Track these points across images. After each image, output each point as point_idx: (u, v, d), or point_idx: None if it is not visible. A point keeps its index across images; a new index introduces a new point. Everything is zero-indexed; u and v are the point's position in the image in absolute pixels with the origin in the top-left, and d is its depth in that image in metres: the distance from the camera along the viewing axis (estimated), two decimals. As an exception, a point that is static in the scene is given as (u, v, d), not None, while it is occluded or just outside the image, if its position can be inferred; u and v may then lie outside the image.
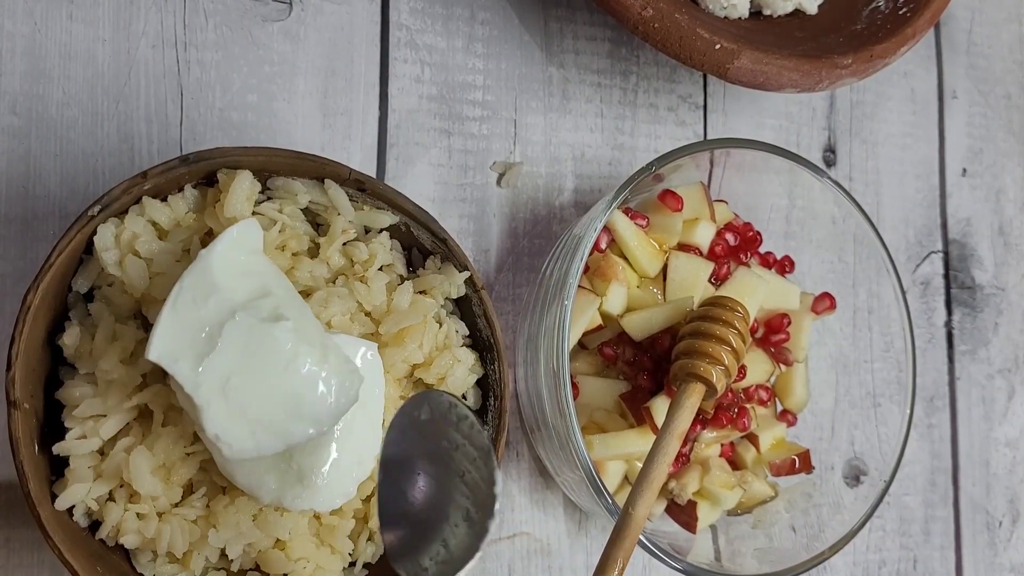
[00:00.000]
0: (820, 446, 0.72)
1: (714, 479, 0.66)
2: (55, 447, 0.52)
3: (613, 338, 0.65)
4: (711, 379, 0.60)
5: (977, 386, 0.85)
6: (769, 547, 0.67)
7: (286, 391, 0.49)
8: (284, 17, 0.66)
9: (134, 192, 0.52)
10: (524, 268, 0.70)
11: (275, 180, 0.56)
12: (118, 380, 0.52)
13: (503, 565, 0.68)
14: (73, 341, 0.53)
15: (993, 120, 0.89)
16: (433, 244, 0.59)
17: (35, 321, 0.50)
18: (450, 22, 0.70)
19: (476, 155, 0.70)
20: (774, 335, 0.69)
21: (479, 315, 0.59)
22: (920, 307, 0.84)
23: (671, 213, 0.66)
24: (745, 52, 0.65)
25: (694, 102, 0.77)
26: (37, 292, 0.50)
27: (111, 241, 0.52)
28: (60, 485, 0.52)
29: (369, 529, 0.58)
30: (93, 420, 0.52)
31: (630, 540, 0.54)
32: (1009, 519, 0.85)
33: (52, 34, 0.61)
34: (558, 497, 0.69)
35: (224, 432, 0.48)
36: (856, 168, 0.83)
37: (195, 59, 0.64)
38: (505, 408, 0.58)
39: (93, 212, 0.51)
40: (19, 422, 0.50)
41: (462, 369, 0.59)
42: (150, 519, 0.52)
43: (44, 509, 0.50)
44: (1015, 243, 0.89)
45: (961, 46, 0.89)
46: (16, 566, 0.58)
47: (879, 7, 0.74)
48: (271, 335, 0.49)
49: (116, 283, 0.53)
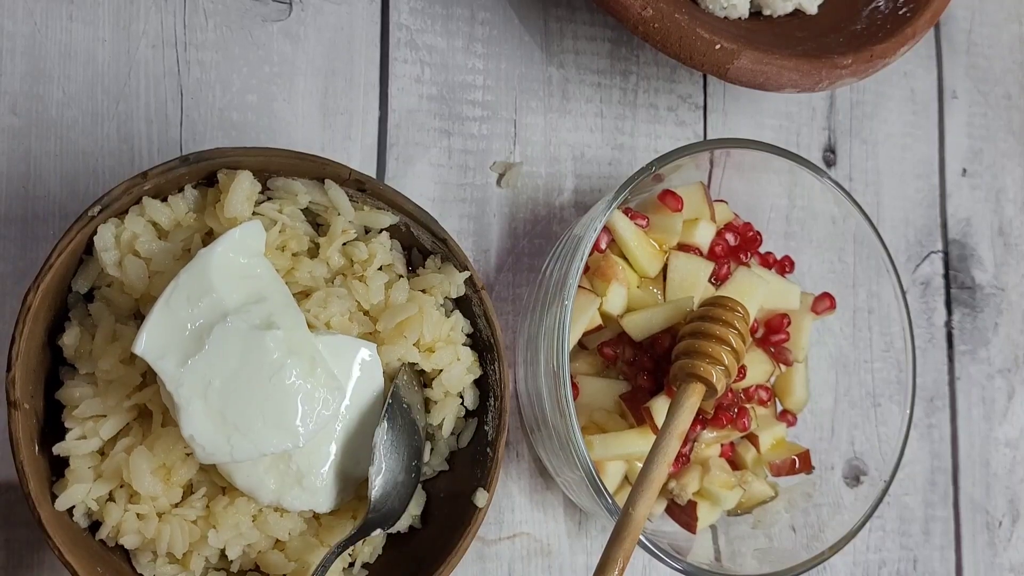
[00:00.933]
0: (820, 446, 0.72)
1: (714, 479, 0.66)
2: (55, 447, 0.52)
3: (613, 338, 0.65)
4: (711, 379, 0.59)
5: (977, 386, 0.85)
6: (769, 547, 0.67)
7: (268, 400, 0.49)
8: (284, 17, 0.66)
9: (134, 192, 0.52)
10: (524, 268, 0.70)
11: (275, 180, 0.56)
12: (118, 380, 0.52)
13: (503, 565, 0.68)
14: (73, 341, 0.53)
15: (993, 120, 0.89)
16: (433, 244, 0.59)
17: (35, 321, 0.50)
18: (450, 22, 0.70)
19: (476, 155, 0.70)
20: (774, 335, 0.69)
21: (479, 315, 0.59)
22: (920, 307, 0.84)
23: (671, 213, 0.66)
24: (745, 52, 0.65)
25: (694, 102, 0.77)
26: (37, 292, 0.50)
27: (111, 241, 0.52)
28: (60, 485, 0.52)
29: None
30: (93, 420, 0.52)
31: (630, 540, 0.54)
32: (1009, 519, 0.85)
33: (52, 34, 0.61)
34: (558, 497, 0.69)
35: (200, 434, 0.48)
36: (856, 168, 0.83)
37: (195, 59, 0.64)
38: (505, 408, 0.58)
39: (93, 212, 0.51)
40: (19, 422, 0.50)
41: (460, 368, 0.59)
42: (150, 519, 0.52)
43: (44, 510, 0.50)
44: (1015, 243, 0.89)
45: (961, 46, 0.89)
46: (16, 566, 0.58)
47: (879, 7, 0.74)
48: (261, 342, 0.49)
49: (116, 283, 0.53)
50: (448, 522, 0.58)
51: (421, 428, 0.59)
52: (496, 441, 0.58)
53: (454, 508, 0.58)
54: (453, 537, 0.56)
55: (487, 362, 0.59)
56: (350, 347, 0.56)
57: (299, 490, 0.54)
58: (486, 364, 0.60)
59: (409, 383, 0.58)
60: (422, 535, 0.60)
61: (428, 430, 0.60)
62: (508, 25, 0.72)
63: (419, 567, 0.56)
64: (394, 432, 0.56)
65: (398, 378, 0.57)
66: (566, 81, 0.73)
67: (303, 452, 0.53)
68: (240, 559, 0.55)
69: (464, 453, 0.60)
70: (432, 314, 0.58)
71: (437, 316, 0.58)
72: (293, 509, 0.54)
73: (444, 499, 0.60)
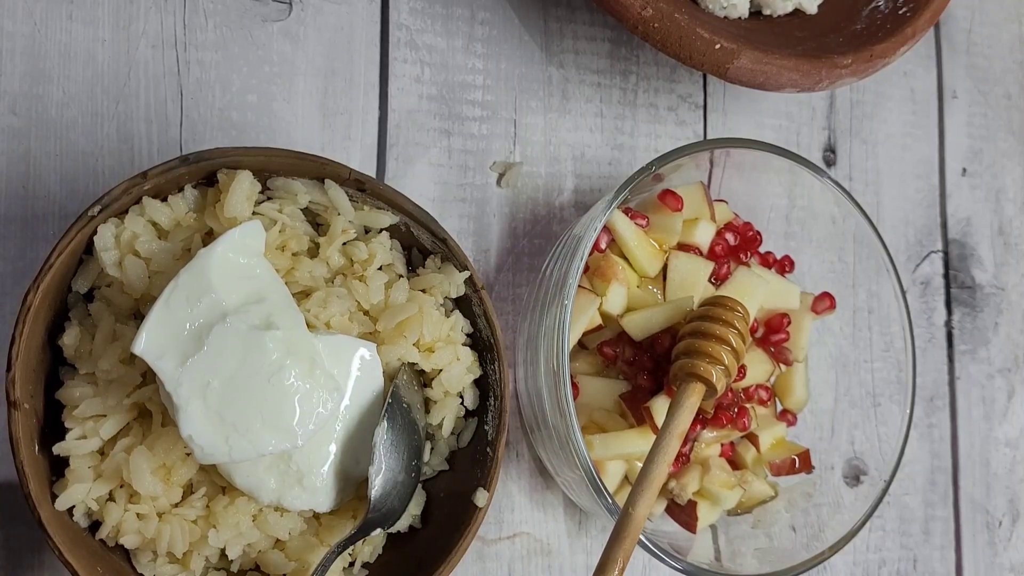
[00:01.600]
0: (820, 446, 0.72)
1: (714, 479, 0.66)
2: (55, 447, 0.52)
3: (613, 338, 0.65)
4: (711, 379, 0.60)
5: (977, 386, 0.85)
6: (769, 547, 0.67)
7: (267, 401, 0.49)
8: (284, 17, 0.66)
9: (134, 192, 0.52)
10: (524, 268, 0.70)
11: (275, 180, 0.56)
12: (118, 380, 0.52)
13: (503, 565, 0.68)
14: (73, 341, 0.53)
15: (993, 120, 0.89)
16: (433, 244, 0.59)
17: (35, 321, 0.50)
18: (450, 22, 0.70)
19: (476, 155, 0.70)
20: (774, 335, 0.69)
21: (479, 315, 0.59)
22: (920, 307, 0.84)
23: (671, 213, 0.66)
24: (745, 52, 0.65)
25: (694, 102, 0.77)
26: (37, 292, 0.50)
27: (111, 241, 0.52)
28: (60, 485, 0.52)
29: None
30: (93, 420, 0.52)
31: (630, 540, 0.54)
32: (1009, 519, 0.85)
33: (52, 34, 0.61)
34: (558, 497, 0.69)
35: (198, 434, 0.48)
36: (856, 168, 0.83)
37: (195, 59, 0.64)
38: (505, 408, 0.58)
39: (93, 212, 0.51)
40: (19, 422, 0.50)
41: (459, 368, 0.59)
42: (150, 519, 0.52)
43: (44, 510, 0.50)
44: (1015, 243, 0.89)
45: (961, 46, 0.89)
46: (16, 566, 0.58)
47: (879, 7, 0.74)
48: (260, 343, 0.49)
49: (115, 283, 0.53)
50: (448, 522, 0.58)
51: (421, 428, 0.59)
52: (496, 441, 0.58)
53: (454, 508, 0.58)
54: (453, 537, 0.56)
55: (487, 362, 0.59)
56: (350, 347, 0.56)
57: (299, 490, 0.54)
58: (486, 364, 0.60)
59: (409, 383, 0.58)
60: (422, 535, 0.60)
61: (428, 430, 0.60)
62: (508, 25, 0.72)
63: (419, 567, 0.56)
64: (394, 432, 0.57)
65: (398, 378, 0.57)
66: (566, 81, 0.73)
67: (303, 452, 0.53)
68: (240, 559, 0.55)
69: (464, 453, 0.60)
70: (432, 314, 0.58)
71: (437, 316, 0.58)
72: (293, 509, 0.54)
73: (444, 499, 0.60)
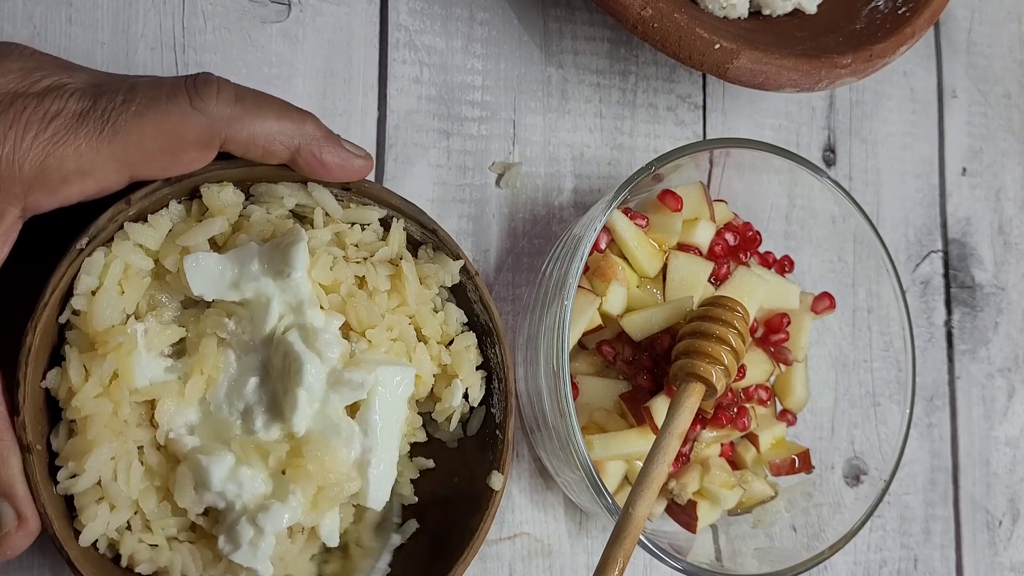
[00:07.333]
0: (820, 446, 0.72)
1: (714, 479, 0.66)
2: (57, 488, 0.50)
3: (613, 338, 0.65)
4: (711, 379, 0.60)
5: (977, 385, 0.85)
6: (769, 547, 0.67)
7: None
8: (283, 18, 0.66)
9: (119, 219, 0.51)
10: (524, 268, 0.70)
11: (258, 187, 0.55)
12: (94, 415, 0.50)
13: (503, 565, 0.68)
14: (55, 383, 0.51)
15: (993, 119, 0.89)
16: (423, 235, 0.59)
17: (36, 362, 0.49)
18: (449, 22, 0.70)
19: (475, 155, 0.70)
20: (774, 335, 0.69)
21: (475, 300, 0.59)
22: (920, 307, 0.84)
23: (671, 213, 0.66)
24: (744, 52, 0.65)
25: (693, 102, 0.77)
26: (36, 332, 0.49)
27: (96, 275, 0.51)
28: (79, 521, 0.51)
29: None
30: (78, 458, 0.50)
31: (630, 540, 0.54)
32: (1009, 518, 0.85)
33: (51, 37, 0.61)
34: (558, 497, 0.69)
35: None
36: (856, 168, 0.83)
37: (194, 61, 0.64)
38: (510, 390, 0.58)
39: (81, 245, 0.50)
40: (35, 466, 0.49)
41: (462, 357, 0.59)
42: (161, 546, 0.52)
43: (71, 548, 0.50)
44: (1015, 242, 0.89)
45: (961, 45, 0.89)
46: (16, 567, 0.58)
47: (878, 7, 0.74)
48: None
49: (83, 315, 0.51)
50: (466, 508, 0.58)
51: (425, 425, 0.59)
52: (505, 423, 0.58)
53: (470, 493, 0.58)
54: (472, 522, 0.57)
55: (487, 346, 0.60)
56: (391, 372, 0.55)
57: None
58: (486, 348, 0.60)
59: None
60: (441, 523, 0.60)
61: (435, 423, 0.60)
62: (507, 25, 0.72)
63: (440, 553, 0.57)
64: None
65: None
66: (565, 81, 0.73)
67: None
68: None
69: (474, 439, 0.61)
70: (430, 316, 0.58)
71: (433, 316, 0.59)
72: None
73: (459, 484, 0.60)
